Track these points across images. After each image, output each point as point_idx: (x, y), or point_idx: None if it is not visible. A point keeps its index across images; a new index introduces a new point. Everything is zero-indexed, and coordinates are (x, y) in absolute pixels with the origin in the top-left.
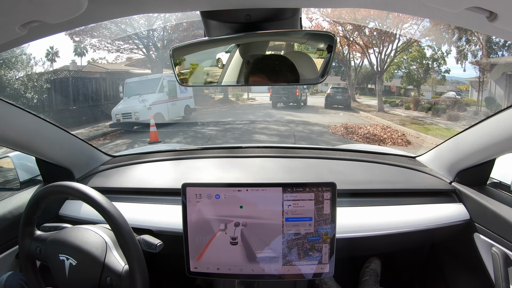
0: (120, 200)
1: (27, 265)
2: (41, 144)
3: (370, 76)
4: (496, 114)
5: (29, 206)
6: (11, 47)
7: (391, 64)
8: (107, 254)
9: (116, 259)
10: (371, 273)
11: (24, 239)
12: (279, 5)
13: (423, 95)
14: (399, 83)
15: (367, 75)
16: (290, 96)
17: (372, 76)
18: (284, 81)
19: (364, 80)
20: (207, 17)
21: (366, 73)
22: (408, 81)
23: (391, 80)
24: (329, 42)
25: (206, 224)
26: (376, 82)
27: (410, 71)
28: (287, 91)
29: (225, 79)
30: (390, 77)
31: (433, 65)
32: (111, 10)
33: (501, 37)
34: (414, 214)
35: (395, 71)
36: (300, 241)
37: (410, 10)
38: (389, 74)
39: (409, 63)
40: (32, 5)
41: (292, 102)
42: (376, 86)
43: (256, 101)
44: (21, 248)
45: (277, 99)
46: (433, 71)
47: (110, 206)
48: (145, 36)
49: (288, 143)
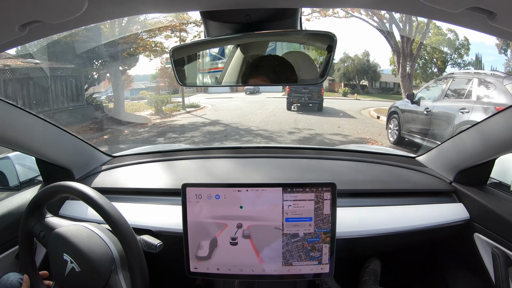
0: (120, 200)
1: (24, 243)
2: (41, 144)
3: (365, 70)
4: (496, 114)
5: (35, 199)
6: (11, 47)
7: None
8: (111, 274)
9: (120, 283)
10: (371, 273)
11: (29, 218)
12: (279, 5)
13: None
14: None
15: (362, 68)
16: (313, 95)
17: (368, 69)
18: (284, 81)
19: (355, 75)
20: (207, 17)
21: (361, 65)
22: (423, 76)
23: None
24: (329, 42)
25: (206, 224)
26: (370, 78)
27: (427, 62)
28: (309, 89)
29: (225, 79)
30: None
31: (453, 55)
32: (111, 10)
33: (501, 37)
34: (414, 214)
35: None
36: (300, 241)
37: (410, 10)
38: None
39: (428, 51)
40: (32, 5)
41: (313, 103)
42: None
43: (205, 113)
44: (22, 225)
45: (296, 99)
46: (453, 62)
47: (109, 207)
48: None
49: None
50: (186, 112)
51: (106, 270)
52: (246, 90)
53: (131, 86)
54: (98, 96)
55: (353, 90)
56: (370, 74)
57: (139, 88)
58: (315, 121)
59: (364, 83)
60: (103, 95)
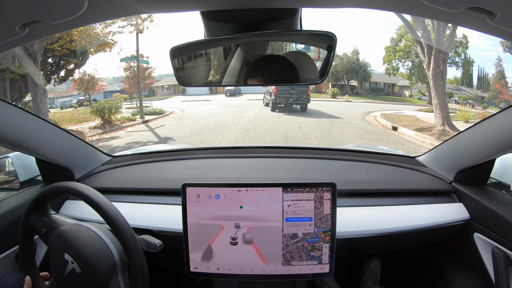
0: (120, 200)
1: (24, 240)
2: (41, 144)
3: (354, 69)
4: (496, 114)
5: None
6: (11, 47)
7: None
8: (112, 278)
9: (120, 287)
10: (371, 273)
11: (31, 214)
12: (279, 5)
13: (424, 94)
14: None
15: (351, 67)
16: (302, 95)
17: (359, 68)
18: (284, 81)
19: (344, 75)
20: (207, 17)
21: (350, 64)
22: (420, 76)
23: (393, 74)
24: (329, 42)
25: (206, 224)
26: (359, 78)
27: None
28: (296, 89)
29: (225, 79)
30: (393, 69)
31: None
32: (111, 10)
33: (501, 37)
34: (414, 214)
35: (402, 60)
36: (300, 241)
37: (410, 10)
38: (391, 65)
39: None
40: (32, 5)
41: (301, 104)
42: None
43: (164, 124)
44: (23, 221)
45: (284, 100)
46: (450, 61)
47: (110, 207)
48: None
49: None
50: (142, 122)
51: (107, 273)
52: (226, 92)
53: (103, 88)
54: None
55: (342, 91)
56: (360, 73)
57: (113, 90)
58: (314, 130)
59: (353, 83)
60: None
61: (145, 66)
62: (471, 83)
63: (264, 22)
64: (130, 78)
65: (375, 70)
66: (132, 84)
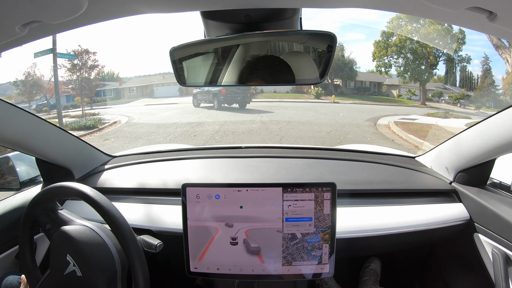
0: (120, 200)
1: (25, 234)
2: (41, 144)
3: (339, 67)
4: (496, 114)
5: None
6: (11, 47)
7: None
8: (111, 286)
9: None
10: (371, 273)
11: (36, 208)
12: (279, 5)
13: (414, 94)
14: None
15: (335, 65)
16: (247, 94)
17: (344, 66)
18: (284, 81)
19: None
20: (207, 17)
21: (335, 61)
22: (414, 74)
23: (385, 72)
24: (329, 42)
25: (206, 224)
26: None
27: (419, 56)
28: (243, 90)
29: (225, 79)
30: (385, 66)
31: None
32: (111, 10)
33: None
34: (414, 214)
35: (394, 57)
36: (300, 241)
37: (410, 10)
38: (382, 62)
39: (421, 43)
40: (32, 5)
41: (241, 103)
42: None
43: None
44: (26, 214)
45: (232, 99)
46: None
47: (110, 207)
48: None
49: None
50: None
51: (107, 282)
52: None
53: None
54: None
55: (325, 90)
56: (346, 71)
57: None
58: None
59: (337, 82)
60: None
61: (90, 65)
62: (454, 81)
63: (264, 22)
64: (75, 80)
65: (360, 68)
66: (76, 88)
